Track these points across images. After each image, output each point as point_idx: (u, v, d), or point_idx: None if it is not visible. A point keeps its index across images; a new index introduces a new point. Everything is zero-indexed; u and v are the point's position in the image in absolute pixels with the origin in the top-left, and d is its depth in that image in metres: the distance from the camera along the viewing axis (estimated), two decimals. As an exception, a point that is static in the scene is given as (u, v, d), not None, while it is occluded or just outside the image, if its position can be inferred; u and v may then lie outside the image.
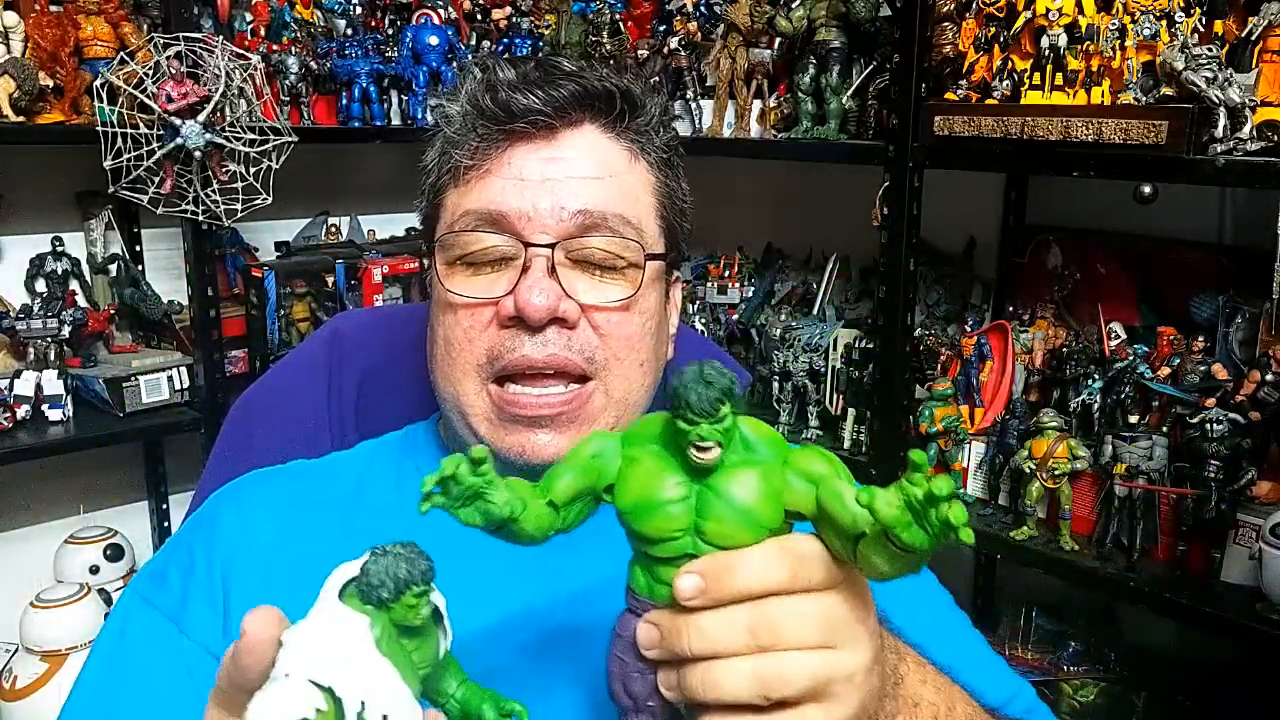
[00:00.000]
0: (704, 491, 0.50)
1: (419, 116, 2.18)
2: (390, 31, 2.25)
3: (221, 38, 1.86)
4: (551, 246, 0.74)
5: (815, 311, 1.97)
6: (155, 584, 0.79)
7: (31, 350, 1.87)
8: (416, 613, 0.48)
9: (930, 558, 0.46)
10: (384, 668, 0.46)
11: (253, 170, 1.87)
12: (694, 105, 1.95)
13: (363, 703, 0.44)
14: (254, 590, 0.76)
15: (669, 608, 0.51)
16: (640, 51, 2.02)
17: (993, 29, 1.43)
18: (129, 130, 1.76)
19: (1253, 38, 1.24)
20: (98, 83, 1.75)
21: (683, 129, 1.96)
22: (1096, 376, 1.48)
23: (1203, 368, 1.38)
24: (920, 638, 0.66)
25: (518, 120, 0.75)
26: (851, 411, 1.78)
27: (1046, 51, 1.35)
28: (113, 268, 2.09)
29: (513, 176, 0.76)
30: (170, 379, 1.96)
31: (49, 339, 1.87)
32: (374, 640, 0.46)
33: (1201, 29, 1.28)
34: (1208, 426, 1.30)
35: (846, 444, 1.78)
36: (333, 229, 2.43)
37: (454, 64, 2.20)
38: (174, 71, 1.77)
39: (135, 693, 0.74)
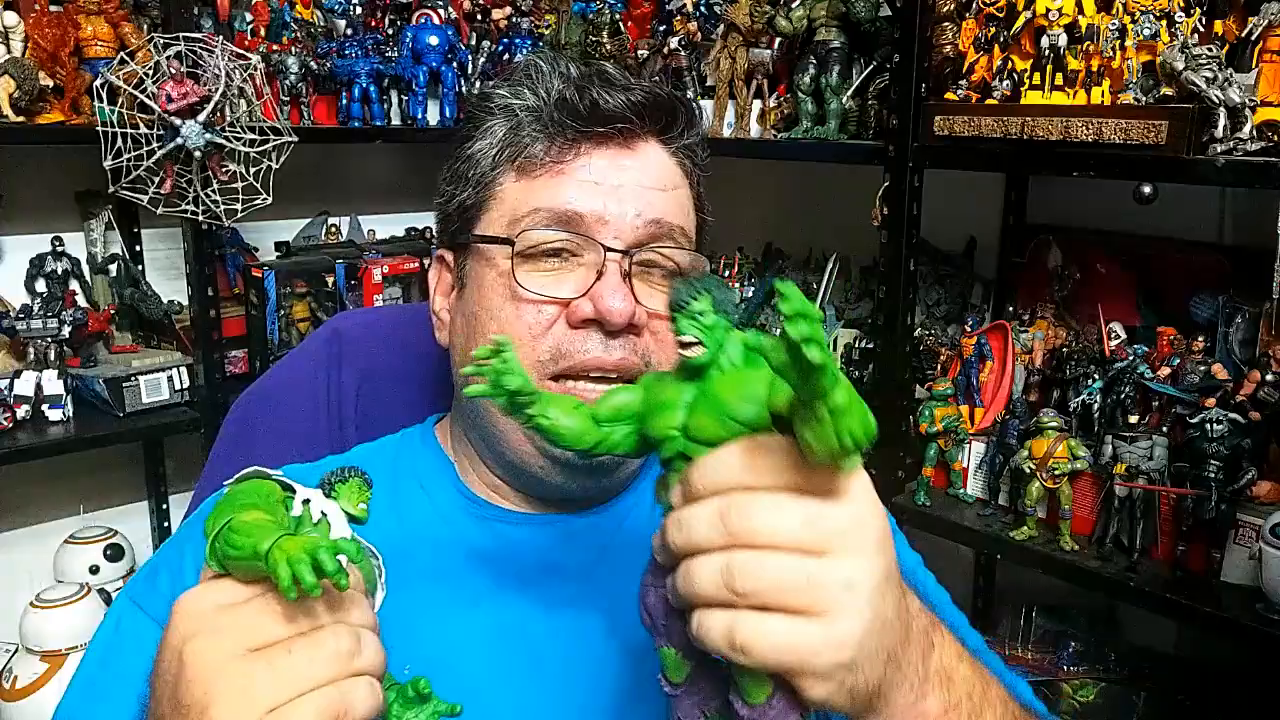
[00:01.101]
0: (697, 394, 0.52)
1: (419, 116, 2.18)
2: (390, 31, 2.26)
3: (221, 38, 1.86)
4: (627, 252, 0.76)
5: (815, 311, 1.97)
6: (147, 588, 0.80)
7: (31, 350, 1.87)
8: (356, 506, 0.63)
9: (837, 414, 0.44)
10: (334, 508, 0.62)
11: (253, 170, 1.87)
12: (694, 105, 1.95)
13: (307, 501, 0.61)
14: None
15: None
16: (640, 51, 2.02)
17: (993, 29, 1.43)
18: (129, 130, 1.76)
19: (1253, 38, 1.24)
20: (98, 83, 1.75)
21: (683, 129, 1.96)
22: (1096, 376, 1.48)
23: (1203, 368, 1.38)
24: None
25: (603, 122, 0.76)
26: (851, 411, 1.77)
27: (1046, 51, 1.35)
28: (113, 268, 2.09)
29: (588, 179, 0.76)
30: (170, 379, 1.96)
31: (49, 339, 1.87)
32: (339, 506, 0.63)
33: (1201, 29, 1.28)
34: (1208, 426, 1.30)
35: (846, 444, 1.78)
36: (333, 229, 2.43)
37: (454, 64, 2.20)
38: (174, 71, 1.77)
39: (121, 700, 0.74)
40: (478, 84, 2.26)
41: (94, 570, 2.03)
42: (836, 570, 0.48)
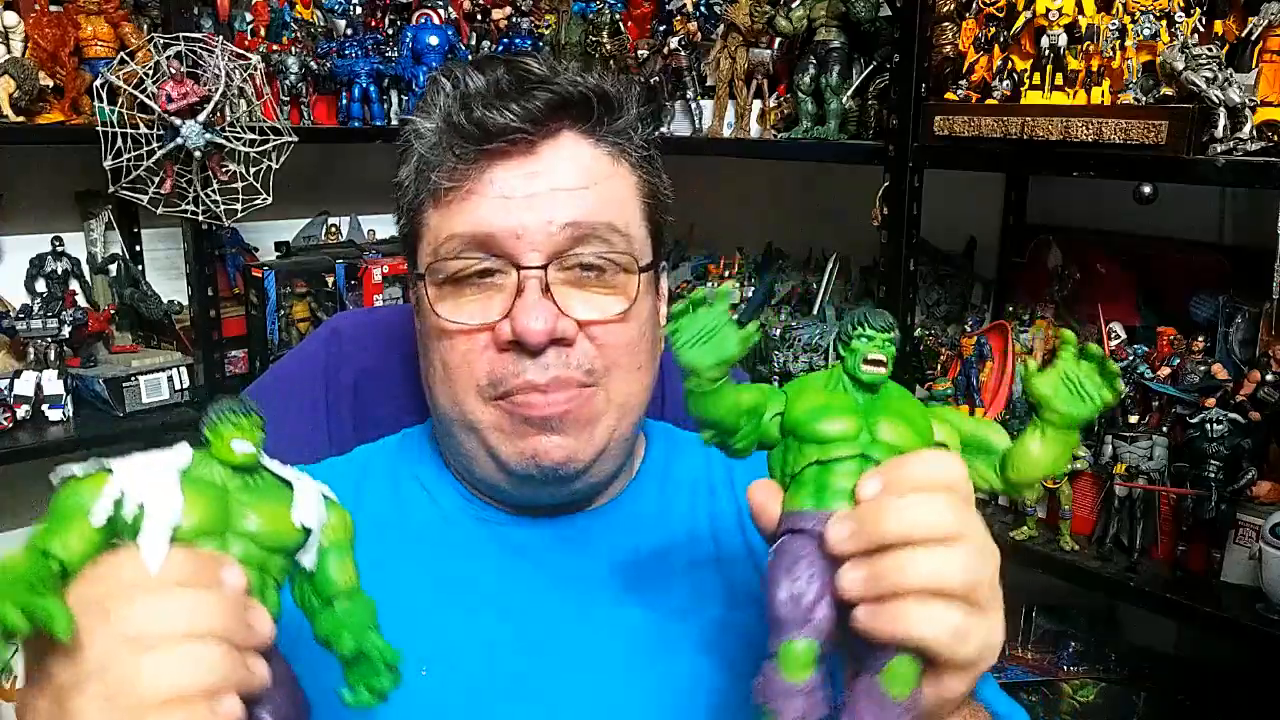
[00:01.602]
0: (872, 403, 0.56)
1: (419, 117, 2.17)
2: (390, 31, 2.26)
3: (221, 38, 1.86)
4: (544, 267, 0.73)
5: (815, 311, 1.97)
6: None
7: (31, 350, 1.87)
8: (229, 449, 0.53)
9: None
10: (169, 484, 0.50)
11: (253, 170, 1.87)
12: (694, 105, 1.95)
13: (122, 491, 0.49)
14: None
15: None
16: (640, 51, 2.02)
17: (993, 29, 1.43)
18: (129, 130, 1.76)
19: (1253, 38, 1.24)
20: (98, 83, 1.75)
21: (683, 129, 1.96)
22: (1096, 376, 1.48)
23: (1203, 368, 1.38)
24: None
25: (495, 139, 0.73)
26: (851, 411, 1.78)
27: (1046, 51, 1.35)
28: (113, 268, 2.09)
29: (496, 195, 0.74)
30: (170, 379, 1.96)
31: (49, 339, 1.87)
32: (179, 468, 0.51)
33: (1201, 29, 1.27)
34: (1208, 426, 1.30)
35: (846, 444, 1.78)
36: (333, 229, 2.44)
37: (452, 61, 2.20)
38: (174, 71, 1.77)
39: None
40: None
41: (94, 570, 2.03)
42: (994, 571, 0.55)
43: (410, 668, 0.72)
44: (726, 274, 2.12)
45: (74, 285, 2.06)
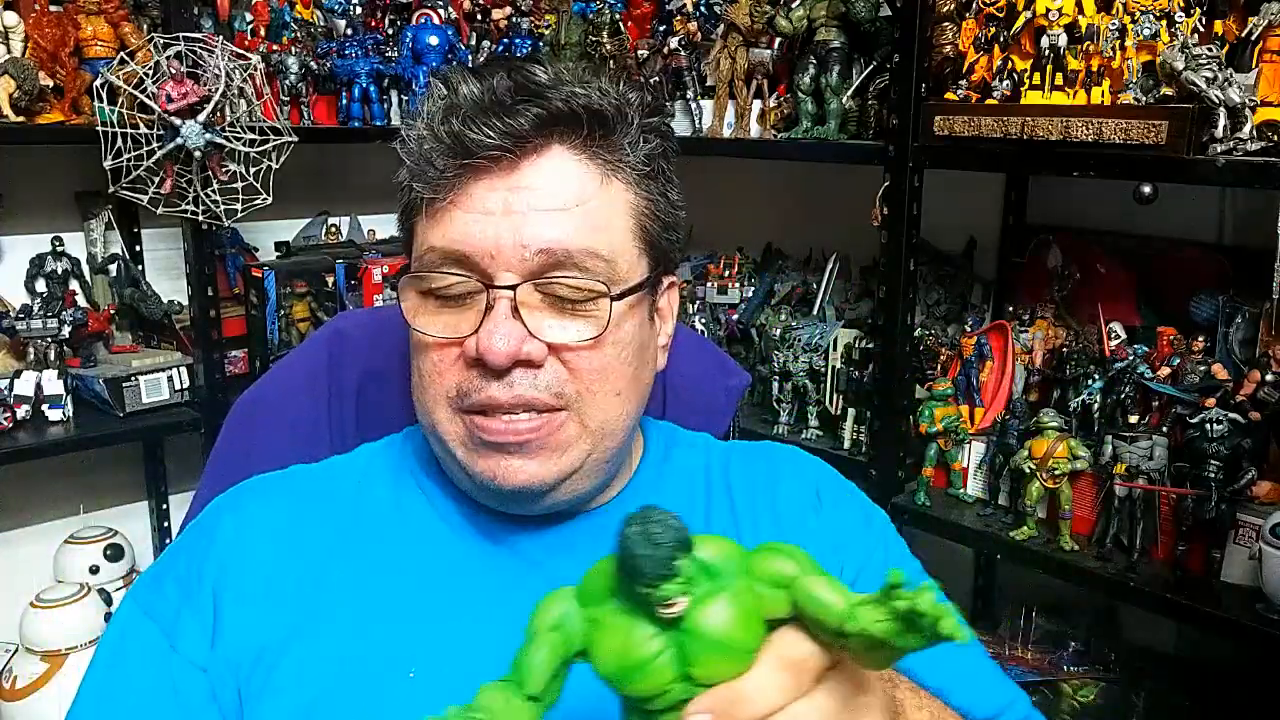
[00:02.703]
0: (680, 637, 0.48)
1: (419, 117, 2.17)
2: (390, 31, 2.26)
3: (221, 38, 1.86)
4: (514, 287, 0.72)
5: (815, 311, 1.97)
6: (153, 594, 0.79)
7: (31, 350, 1.87)
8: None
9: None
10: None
11: (253, 170, 1.87)
12: (694, 105, 1.95)
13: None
14: (251, 601, 0.76)
15: None
16: (640, 51, 2.02)
17: (993, 29, 1.43)
18: (129, 130, 1.76)
19: (1253, 38, 1.24)
20: (98, 83, 1.75)
21: (683, 129, 1.96)
22: (1096, 376, 1.48)
23: (1203, 368, 1.38)
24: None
25: (474, 155, 0.72)
26: (851, 411, 1.78)
27: (1046, 51, 1.35)
28: (113, 268, 2.09)
29: (476, 210, 0.73)
30: (170, 379, 1.96)
31: (49, 339, 1.87)
32: None
33: (1201, 29, 1.28)
34: (1208, 426, 1.30)
35: (846, 444, 1.78)
36: (333, 229, 2.43)
37: (454, 64, 2.20)
38: (174, 71, 1.77)
39: (130, 714, 0.74)
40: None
41: (94, 570, 2.03)
42: None
43: (399, 669, 0.73)
44: (726, 274, 2.12)
45: (74, 285, 2.06)
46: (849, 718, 0.50)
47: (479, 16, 2.28)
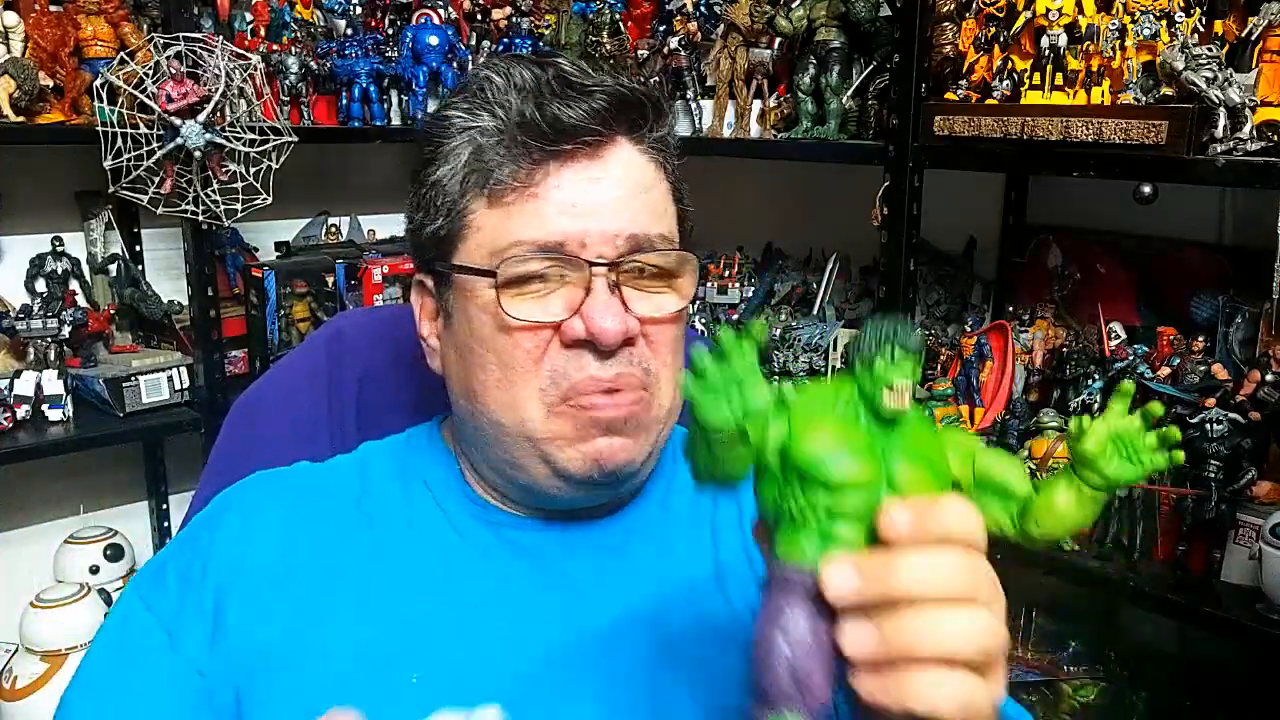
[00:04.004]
0: (889, 441, 0.48)
1: (419, 117, 2.17)
2: (390, 31, 2.25)
3: (221, 38, 1.86)
4: (611, 265, 0.73)
5: (815, 311, 1.97)
6: (155, 586, 0.79)
7: (31, 350, 1.87)
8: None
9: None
10: None
11: (253, 170, 1.87)
12: (694, 105, 1.95)
13: None
14: (255, 600, 0.76)
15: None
16: (640, 51, 2.02)
17: (993, 29, 1.43)
18: (129, 130, 1.76)
19: (1253, 38, 1.24)
20: (98, 83, 1.75)
21: (683, 129, 1.96)
22: (1096, 376, 1.48)
23: (1203, 368, 1.38)
24: None
25: (568, 138, 0.72)
26: (851, 411, 1.78)
27: (1046, 51, 1.35)
28: (113, 268, 2.09)
29: (563, 200, 0.73)
30: (170, 379, 1.95)
31: (49, 339, 1.87)
32: None
33: (1201, 29, 1.28)
34: (1208, 426, 1.30)
35: (846, 444, 1.78)
36: (333, 229, 2.43)
37: (454, 64, 2.20)
38: (174, 71, 1.77)
39: (127, 703, 0.74)
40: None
41: (94, 570, 2.03)
42: (1004, 631, 0.50)
43: (402, 673, 0.72)
44: (726, 274, 2.12)
45: (74, 285, 2.06)
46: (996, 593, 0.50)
47: (479, 16, 2.28)
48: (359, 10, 2.23)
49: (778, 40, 1.80)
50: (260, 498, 0.83)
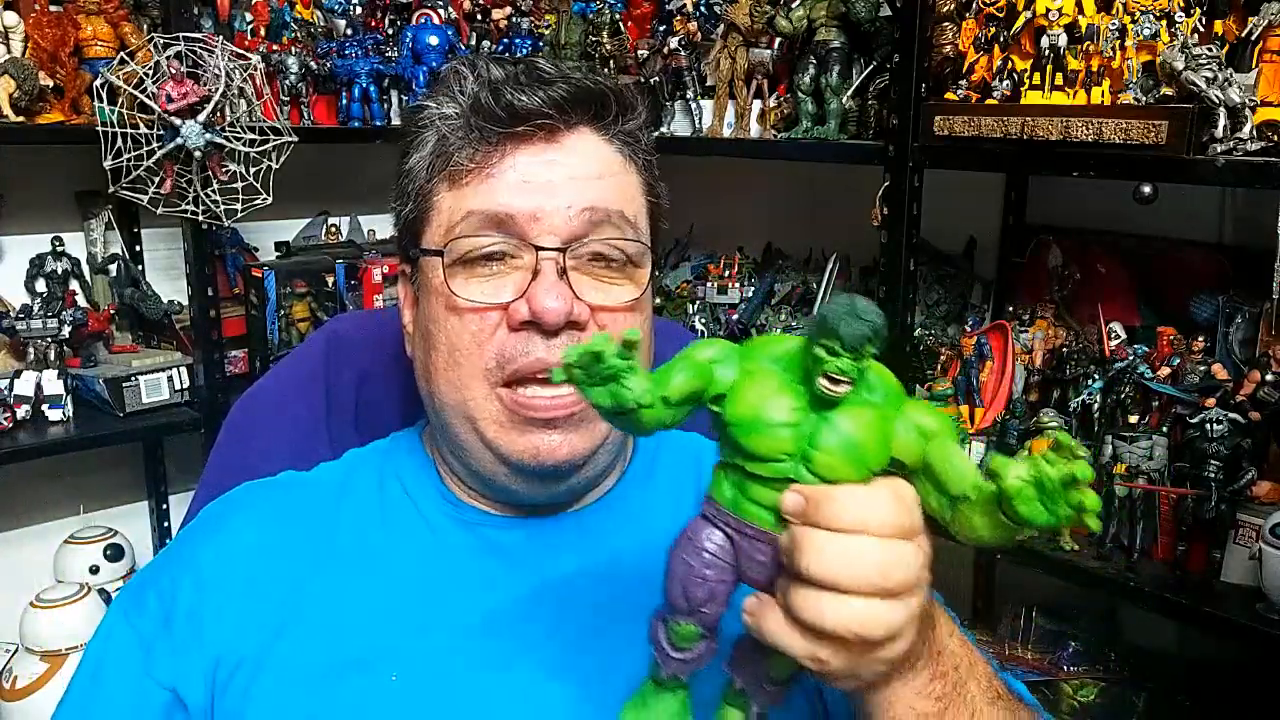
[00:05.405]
0: (819, 421, 0.51)
1: (419, 116, 2.17)
2: (390, 31, 2.26)
3: (221, 38, 1.86)
4: (560, 250, 0.74)
5: (815, 311, 1.97)
6: (137, 603, 0.80)
7: (31, 350, 1.87)
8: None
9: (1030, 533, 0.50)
10: None
11: (253, 170, 1.87)
12: (694, 105, 1.95)
13: None
14: (231, 617, 0.76)
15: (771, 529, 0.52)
16: (640, 51, 2.01)
17: (993, 29, 1.43)
18: (129, 130, 1.76)
19: (1253, 38, 1.24)
20: (98, 83, 1.75)
21: (683, 129, 1.96)
22: (1096, 376, 1.48)
23: (1203, 368, 1.38)
24: None
25: (521, 122, 0.75)
26: (851, 411, 1.78)
27: (1046, 51, 1.35)
28: (113, 268, 2.09)
29: (516, 179, 0.75)
30: (170, 379, 1.96)
31: (49, 339, 1.87)
32: None
33: (1201, 29, 1.27)
34: (1208, 426, 1.30)
35: (846, 444, 1.78)
36: (333, 229, 2.43)
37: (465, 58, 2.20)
38: (174, 71, 1.77)
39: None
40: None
41: (94, 570, 2.04)
42: (912, 610, 0.52)
43: (381, 673, 0.73)
44: (726, 274, 2.12)
45: (74, 285, 2.06)
46: (916, 579, 0.52)
47: (479, 16, 2.28)
48: (359, 10, 2.23)
49: (778, 40, 1.80)
50: (242, 511, 0.84)
